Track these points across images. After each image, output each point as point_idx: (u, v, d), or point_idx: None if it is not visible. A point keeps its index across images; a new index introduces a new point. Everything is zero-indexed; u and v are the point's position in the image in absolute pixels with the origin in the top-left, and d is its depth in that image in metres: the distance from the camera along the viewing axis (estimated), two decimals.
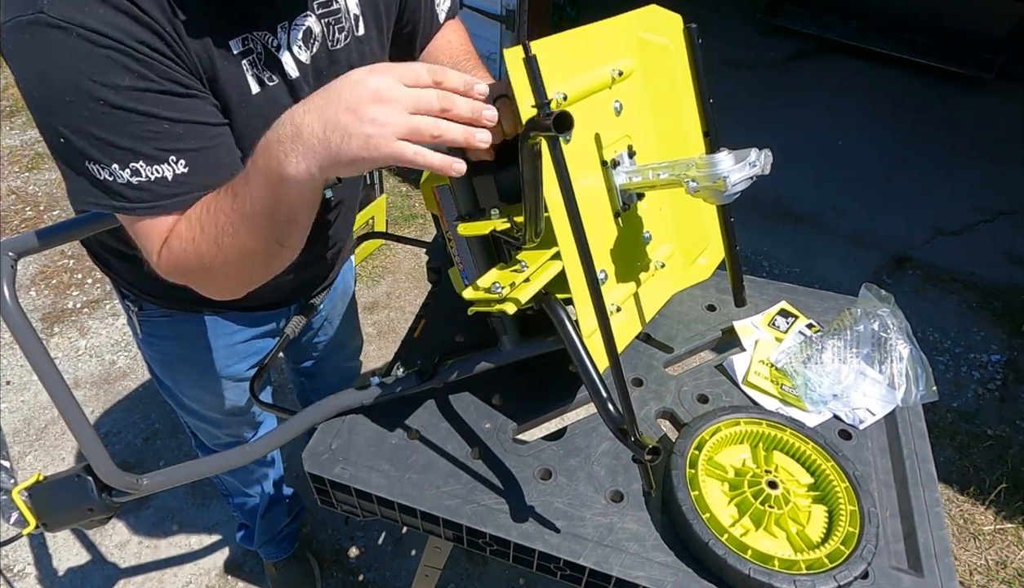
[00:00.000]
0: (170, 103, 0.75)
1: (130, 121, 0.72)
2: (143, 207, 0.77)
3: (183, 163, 0.77)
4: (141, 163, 0.74)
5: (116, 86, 0.71)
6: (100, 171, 0.74)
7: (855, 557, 0.84)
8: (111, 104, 0.71)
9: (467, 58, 1.13)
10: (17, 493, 0.97)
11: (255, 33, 0.83)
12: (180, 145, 0.76)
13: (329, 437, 1.05)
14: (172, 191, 0.77)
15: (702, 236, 1.22)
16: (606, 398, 0.83)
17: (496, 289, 0.87)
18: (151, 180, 0.75)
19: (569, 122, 0.69)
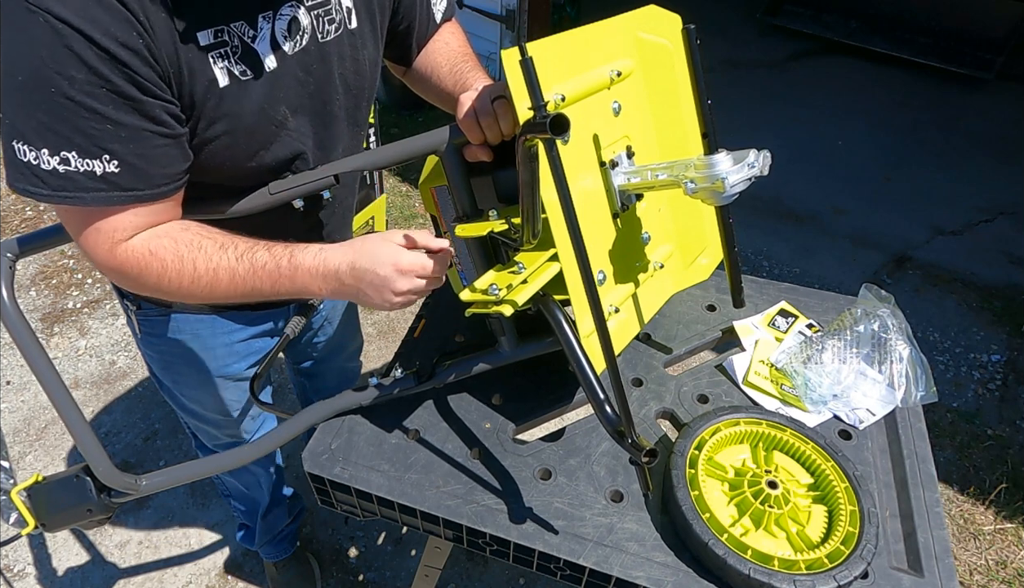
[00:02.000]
0: (120, 106, 0.75)
1: (76, 113, 0.73)
2: (61, 196, 0.77)
3: (115, 164, 0.77)
4: (73, 153, 0.75)
5: (71, 78, 0.71)
6: (26, 152, 0.74)
7: (855, 557, 0.84)
8: (62, 93, 0.72)
9: (464, 60, 1.13)
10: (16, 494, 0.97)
11: (232, 25, 0.82)
12: (117, 147, 0.77)
13: (329, 437, 1.05)
14: (96, 186, 0.77)
15: (701, 237, 1.22)
16: (603, 400, 0.82)
17: (493, 291, 0.87)
18: (79, 171, 0.76)
19: (565, 124, 0.69)
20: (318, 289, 0.88)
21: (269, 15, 0.85)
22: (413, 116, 3.97)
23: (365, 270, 0.85)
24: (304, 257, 0.87)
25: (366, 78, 1.03)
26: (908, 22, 4.77)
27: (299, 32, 0.89)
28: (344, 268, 0.86)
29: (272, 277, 0.87)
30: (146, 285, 0.87)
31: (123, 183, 0.79)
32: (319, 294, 0.89)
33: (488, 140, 0.97)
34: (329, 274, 0.87)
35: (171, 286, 0.86)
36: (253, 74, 0.86)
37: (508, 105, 0.90)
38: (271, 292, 0.88)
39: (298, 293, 0.89)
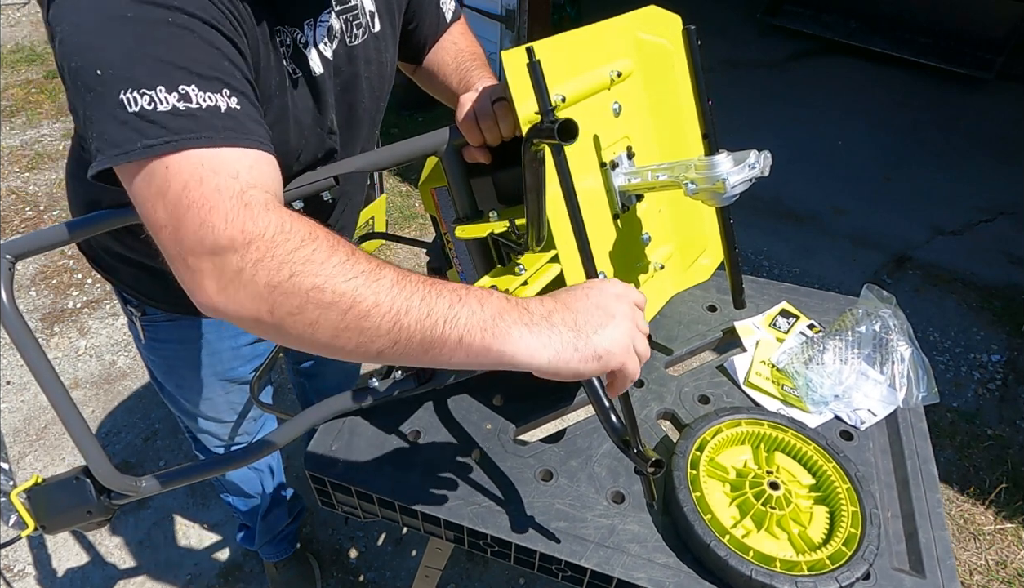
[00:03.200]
0: (233, 53, 0.69)
1: (192, 44, 0.64)
2: (185, 138, 0.61)
3: (236, 100, 0.66)
4: (194, 86, 0.63)
5: (191, 13, 0.64)
6: (137, 99, 0.61)
7: (857, 558, 0.84)
8: (178, 24, 0.63)
9: (471, 59, 1.13)
10: (15, 495, 0.96)
11: (286, 27, 0.83)
12: (235, 83, 0.67)
13: (330, 438, 1.05)
14: (224, 123, 0.64)
15: (702, 237, 1.22)
16: (608, 408, 0.82)
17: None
18: (201, 107, 0.63)
19: (574, 130, 0.67)
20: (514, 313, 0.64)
21: (312, 22, 0.86)
22: (413, 116, 3.97)
23: (574, 294, 0.67)
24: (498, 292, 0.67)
25: (387, 80, 1.04)
26: (908, 22, 4.76)
27: (332, 36, 0.90)
28: (545, 299, 0.67)
29: (455, 292, 0.64)
30: (275, 251, 0.60)
31: (247, 124, 0.66)
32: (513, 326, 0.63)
33: (488, 142, 0.97)
34: (528, 301, 0.66)
35: (314, 258, 0.61)
36: (303, 75, 0.86)
37: (508, 107, 0.90)
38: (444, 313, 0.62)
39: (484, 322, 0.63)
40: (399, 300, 0.61)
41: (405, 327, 0.61)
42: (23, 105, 4.02)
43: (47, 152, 3.65)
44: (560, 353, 0.63)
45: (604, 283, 0.70)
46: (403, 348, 0.62)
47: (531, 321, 0.64)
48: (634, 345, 0.68)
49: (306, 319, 0.61)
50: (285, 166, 0.92)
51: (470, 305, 0.63)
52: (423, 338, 0.62)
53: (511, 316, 0.63)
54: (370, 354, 0.63)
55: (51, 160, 3.59)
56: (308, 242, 0.61)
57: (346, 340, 0.62)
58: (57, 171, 3.50)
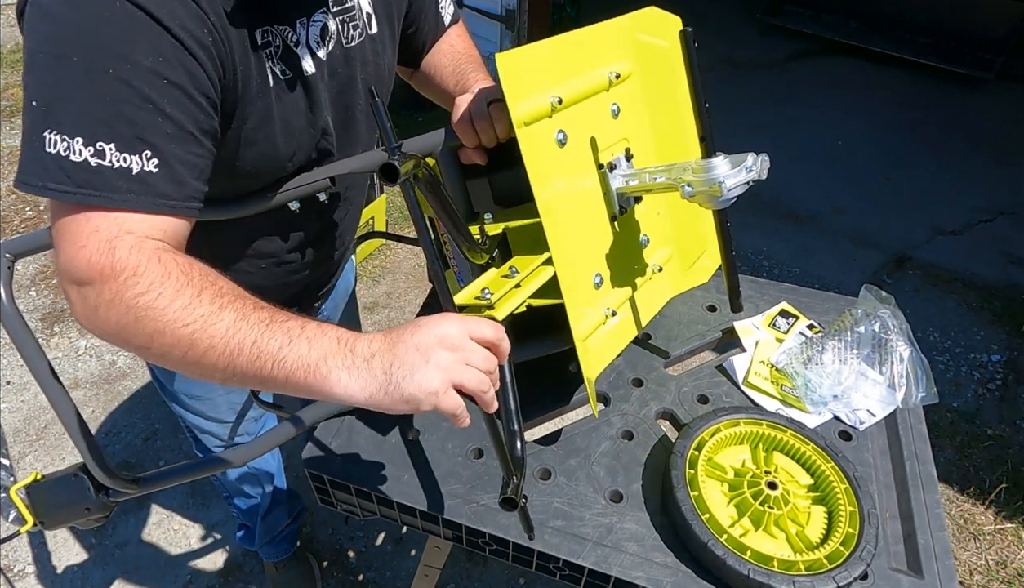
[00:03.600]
0: (176, 101, 0.70)
1: (128, 99, 0.67)
2: (84, 194, 0.66)
3: (155, 163, 0.69)
4: (112, 145, 0.67)
5: (135, 63, 0.66)
6: (56, 142, 0.66)
7: (854, 558, 0.84)
8: (119, 76, 0.66)
9: (468, 61, 1.13)
10: (15, 491, 0.97)
11: (276, 26, 0.82)
12: (162, 144, 0.70)
13: (329, 437, 1.05)
14: (127, 187, 0.68)
15: (700, 240, 1.22)
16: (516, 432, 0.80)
17: (486, 295, 0.86)
18: (111, 167, 0.67)
19: (394, 174, 0.68)
20: (338, 356, 0.68)
21: (304, 21, 0.86)
22: (413, 116, 3.97)
23: (402, 333, 0.69)
24: (328, 326, 0.71)
25: (384, 82, 1.04)
26: (908, 22, 4.76)
27: (328, 38, 0.89)
28: (378, 337, 0.70)
29: (288, 333, 0.69)
30: (123, 295, 0.67)
31: (158, 187, 0.70)
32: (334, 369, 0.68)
33: (483, 143, 0.96)
34: (356, 340, 0.69)
35: (156, 304, 0.67)
36: (294, 75, 0.86)
37: (503, 109, 0.90)
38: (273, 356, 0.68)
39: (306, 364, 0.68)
40: (232, 343, 0.68)
41: (239, 367, 0.68)
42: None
43: None
44: (374, 396, 0.68)
45: (434, 322, 0.70)
46: (240, 380, 0.70)
47: (352, 364, 0.68)
48: (457, 384, 0.69)
49: (154, 353, 0.70)
50: (277, 167, 0.92)
51: (299, 347, 0.68)
52: (255, 375, 0.68)
53: (334, 360, 0.68)
54: (217, 381, 0.71)
55: None
56: (156, 287, 0.68)
57: (192, 371, 0.70)
58: None
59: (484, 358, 0.71)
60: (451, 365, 0.68)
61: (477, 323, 0.72)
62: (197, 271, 0.71)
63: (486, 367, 0.71)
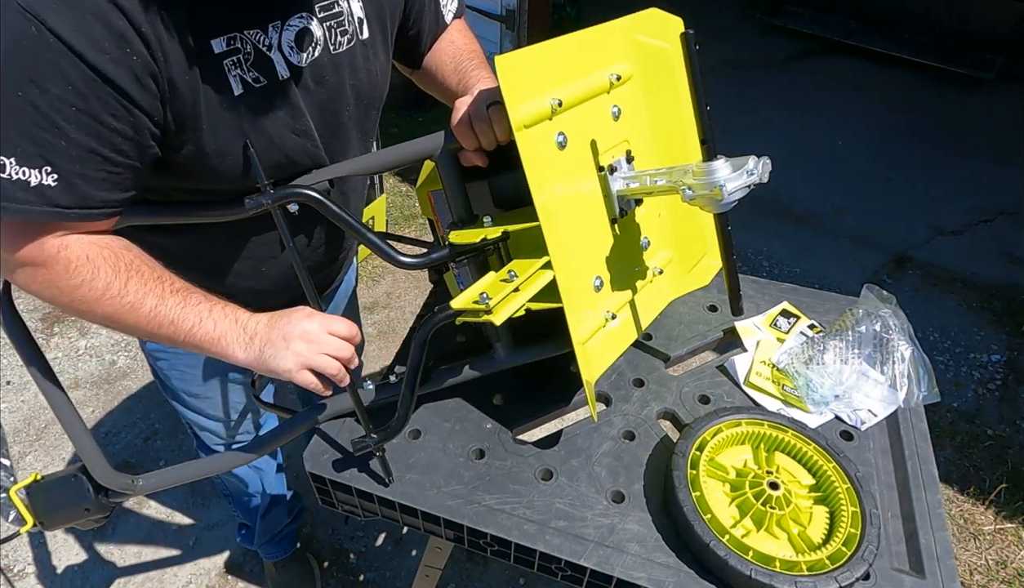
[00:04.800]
0: (83, 127, 0.74)
1: (33, 122, 0.71)
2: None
3: (54, 178, 0.75)
4: (12, 159, 0.73)
5: (44, 89, 0.70)
6: None
7: (856, 558, 0.84)
8: (28, 100, 0.70)
9: (469, 57, 1.12)
10: (15, 492, 0.97)
11: (246, 32, 0.82)
12: (64, 163, 0.75)
13: (330, 437, 1.05)
14: (25, 198, 0.75)
15: (701, 242, 1.22)
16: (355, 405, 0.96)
17: (484, 300, 0.86)
18: (10, 179, 0.73)
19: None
20: (233, 333, 0.89)
21: (278, 24, 0.85)
22: (413, 116, 3.97)
23: (277, 320, 0.89)
24: (229, 307, 0.91)
25: (377, 88, 1.03)
26: (908, 22, 4.77)
27: (312, 43, 0.89)
28: (263, 320, 0.90)
29: (198, 314, 0.88)
30: (57, 283, 0.82)
31: (54, 198, 0.76)
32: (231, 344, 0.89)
33: (483, 146, 0.96)
34: (248, 320, 0.90)
35: (89, 297, 0.83)
36: (267, 81, 0.85)
37: (503, 111, 0.90)
38: (186, 332, 0.88)
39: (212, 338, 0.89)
40: (154, 322, 0.86)
41: (158, 337, 0.89)
42: None
43: None
44: (251, 364, 0.89)
45: (302, 318, 0.89)
46: (158, 343, 0.99)
47: (242, 339, 0.89)
48: (311, 366, 0.88)
49: (88, 322, 0.92)
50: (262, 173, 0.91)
51: (206, 326, 0.88)
52: (171, 342, 0.90)
53: (231, 336, 0.89)
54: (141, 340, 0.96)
55: None
56: (87, 282, 0.82)
57: (120, 333, 0.95)
58: None
59: (338, 347, 0.89)
60: (305, 352, 0.87)
61: (334, 321, 0.91)
62: (123, 261, 0.85)
63: (342, 354, 0.89)
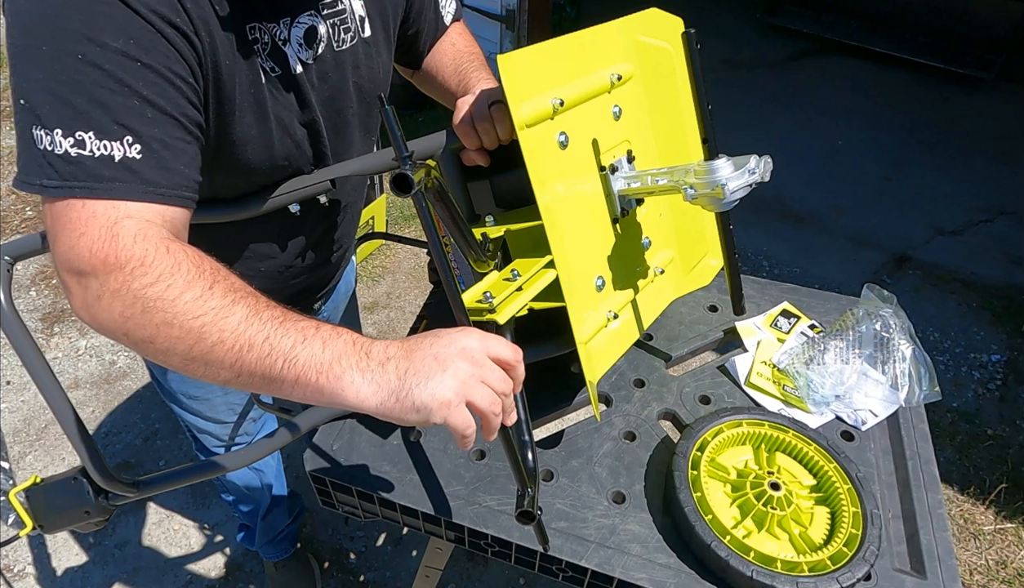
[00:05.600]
0: (151, 84, 0.67)
1: (100, 84, 0.65)
2: (69, 186, 0.65)
3: (137, 148, 0.67)
4: (91, 134, 0.65)
5: (104, 44, 0.64)
6: (42, 138, 0.65)
7: (858, 559, 0.84)
8: (88, 60, 0.64)
9: (470, 60, 1.12)
10: (14, 495, 0.96)
11: (264, 24, 0.82)
12: (142, 128, 0.67)
13: (331, 438, 1.05)
14: (113, 175, 0.66)
15: (703, 242, 1.22)
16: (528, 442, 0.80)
17: (487, 299, 0.86)
18: (93, 156, 0.65)
19: (407, 185, 0.65)
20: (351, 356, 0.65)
21: (288, 21, 0.85)
22: (413, 116, 3.97)
23: (420, 340, 0.67)
24: (341, 328, 0.69)
25: (379, 86, 1.03)
26: (908, 22, 4.77)
27: (316, 40, 0.89)
28: (395, 343, 0.67)
29: (302, 332, 0.66)
30: (130, 285, 0.65)
31: (144, 173, 0.67)
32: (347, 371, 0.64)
33: (484, 146, 0.96)
34: (372, 344, 0.67)
35: (166, 295, 0.65)
36: (283, 73, 0.85)
37: (505, 110, 0.90)
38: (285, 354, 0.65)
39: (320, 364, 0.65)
40: (243, 338, 0.65)
41: (247, 363, 0.65)
42: None
43: None
44: (384, 402, 0.64)
45: (457, 335, 0.68)
46: (246, 380, 0.66)
47: (366, 366, 0.65)
48: (470, 400, 0.65)
49: (158, 348, 0.66)
50: (273, 166, 0.91)
51: (312, 346, 0.65)
52: (263, 375, 0.65)
53: (348, 360, 0.65)
54: (219, 381, 0.68)
55: None
56: (165, 278, 0.65)
57: (195, 369, 0.67)
58: None
59: (500, 379, 0.68)
60: (468, 379, 0.65)
61: (497, 342, 0.69)
62: (208, 264, 0.68)
63: (501, 388, 0.67)
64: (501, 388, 0.67)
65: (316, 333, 0.66)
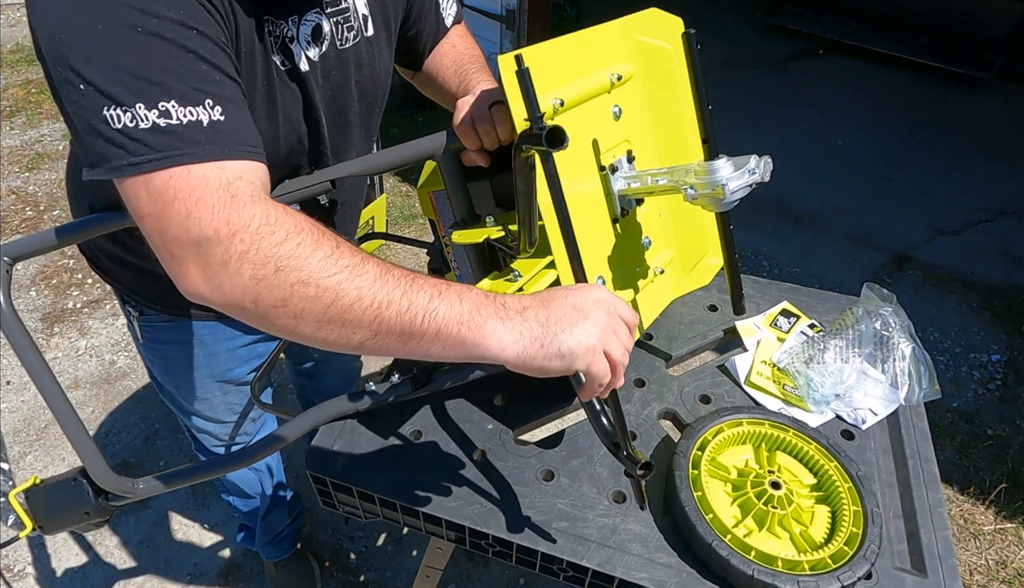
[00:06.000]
0: (213, 50, 0.67)
1: (167, 53, 0.63)
2: (171, 157, 0.62)
3: (219, 110, 0.65)
4: (173, 102, 0.63)
5: (159, 15, 0.63)
6: (120, 117, 0.62)
7: (858, 558, 0.84)
8: (149, 31, 0.62)
9: (470, 61, 1.12)
10: (14, 496, 0.96)
11: (275, 20, 0.82)
12: (218, 90, 0.66)
13: (331, 438, 1.05)
14: (208, 138, 0.64)
15: (703, 242, 1.22)
16: (599, 411, 0.82)
17: None
18: (183, 123, 0.63)
19: (562, 137, 0.67)
20: (488, 307, 0.66)
21: (296, 18, 0.85)
22: (413, 117, 3.97)
23: (554, 293, 0.68)
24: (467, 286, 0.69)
25: (380, 85, 1.03)
26: (908, 22, 4.77)
27: (322, 38, 0.89)
28: (526, 296, 0.68)
29: (436, 286, 0.66)
30: (259, 244, 0.62)
31: (233, 133, 0.66)
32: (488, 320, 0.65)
33: (485, 146, 0.96)
34: (506, 297, 0.67)
35: (298, 253, 0.62)
36: (292, 68, 0.86)
37: (505, 111, 0.90)
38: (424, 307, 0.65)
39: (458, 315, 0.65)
40: (381, 294, 0.64)
41: (385, 320, 0.64)
42: (23, 105, 4.01)
43: (47, 152, 3.64)
44: (528, 348, 0.65)
45: (589, 287, 0.70)
46: (383, 339, 0.65)
47: (505, 315, 0.66)
48: (606, 350, 0.67)
49: (290, 311, 0.63)
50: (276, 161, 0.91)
51: (449, 299, 0.65)
52: (402, 330, 0.64)
53: (487, 310, 0.65)
54: (351, 345, 0.66)
55: (51, 160, 3.59)
56: (293, 236, 0.63)
57: (328, 331, 0.65)
58: (57, 171, 3.50)
59: (627, 334, 0.69)
60: (606, 328, 0.67)
61: (620, 300, 0.71)
62: (320, 225, 0.67)
63: (627, 343, 0.69)
64: (627, 342, 0.70)
65: (449, 288, 0.67)
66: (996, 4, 4.45)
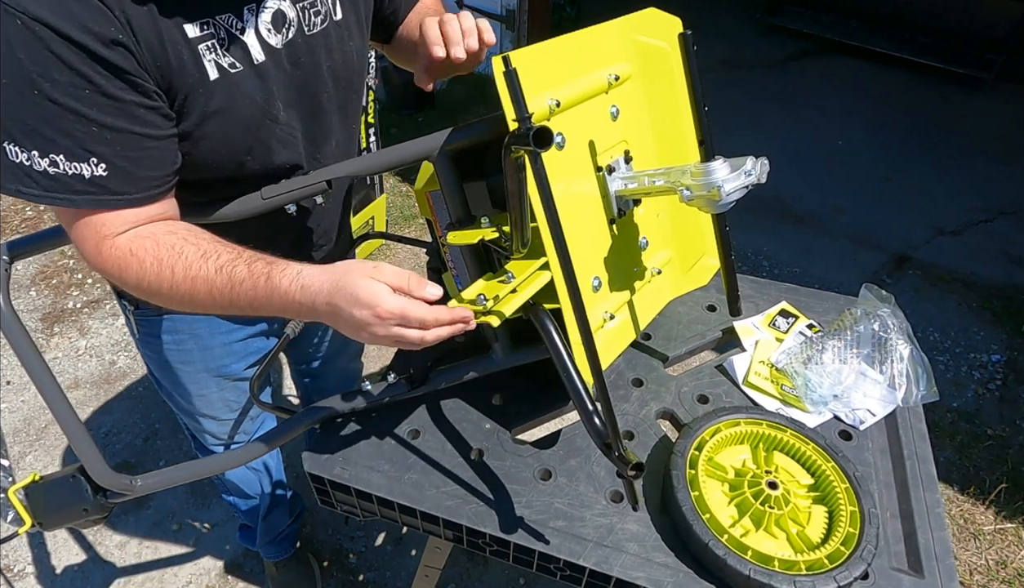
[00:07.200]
0: (104, 107, 0.75)
1: (61, 116, 0.73)
2: (51, 196, 0.77)
3: (103, 167, 0.78)
4: (62, 156, 0.76)
5: (53, 80, 0.71)
6: (19, 153, 0.75)
7: (855, 558, 0.84)
8: (46, 96, 0.72)
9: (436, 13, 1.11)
10: (13, 492, 0.97)
11: (218, 17, 0.82)
12: (104, 150, 0.77)
13: (329, 437, 1.05)
14: (85, 189, 0.78)
15: (701, 242, 1.22)
16: (591, 411, 0.81)
17: (481, 301, 0.86)
18: (67, 174, 0.76)
19: (549, 137, 0.68)
20: (296, 314, 0.82)
21: (253, 7, 0.85)
22: (413, 116, 3.97)
23: (341, 309, 0.76)
24: (281, 280, 0.79)
25: (354, 69, 1.03)
26: (908, 22, 4.77)
27: (285, 25, 0.89)
28: (321, 300, 0.78)
29: (249, 296, 0.81)
30: (127, 285, 0.85)
31: (111, 186, 0.79)
32: (297, 318, 0.86)
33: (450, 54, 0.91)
34: (305, 303, 0.79)
35: (151, 289, 0.84)
36: (242, 66, 0.85)
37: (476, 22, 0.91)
38: (250, 309, 0.82)
39: (277, 314, 0.83)
40: (220, 304, 0.83)
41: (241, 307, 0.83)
42: None
43: None
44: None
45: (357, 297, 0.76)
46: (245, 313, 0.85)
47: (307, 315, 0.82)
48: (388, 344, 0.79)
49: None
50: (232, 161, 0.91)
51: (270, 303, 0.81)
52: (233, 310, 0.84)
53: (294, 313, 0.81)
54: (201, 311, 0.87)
55: None
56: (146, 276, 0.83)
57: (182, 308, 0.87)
58: None
59: (402, 315, 0.76)
60: (385, 335, 0.76)
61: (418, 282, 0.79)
62: (164, 248, 0.83)
63: (408, 321, 0.76)
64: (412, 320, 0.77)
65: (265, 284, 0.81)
66: (996, 4, 4.44)
